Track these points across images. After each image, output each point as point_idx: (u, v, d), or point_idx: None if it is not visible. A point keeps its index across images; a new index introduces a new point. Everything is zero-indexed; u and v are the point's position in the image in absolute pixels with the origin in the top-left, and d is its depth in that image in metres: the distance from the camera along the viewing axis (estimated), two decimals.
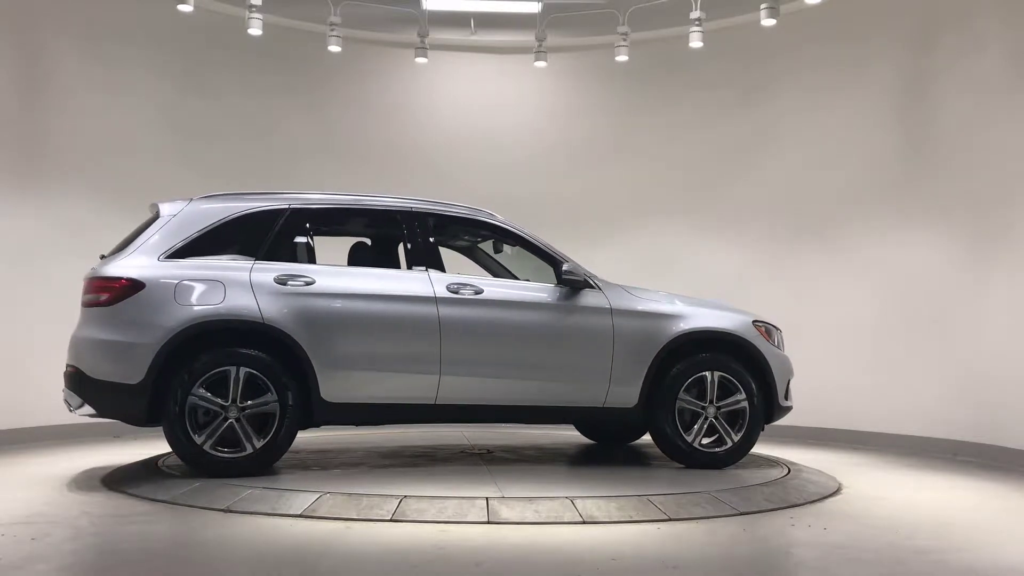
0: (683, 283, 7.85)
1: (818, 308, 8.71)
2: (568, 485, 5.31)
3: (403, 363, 5.76)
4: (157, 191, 8.76)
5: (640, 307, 6.16)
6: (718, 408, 6.12)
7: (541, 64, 9.52)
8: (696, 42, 8.66)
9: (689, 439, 6.07)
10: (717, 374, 6.11)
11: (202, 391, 5.46)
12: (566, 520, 4.65)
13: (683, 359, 6.11)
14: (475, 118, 10.10)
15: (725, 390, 6.14)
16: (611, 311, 6.06)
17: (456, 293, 5.87)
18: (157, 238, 5.77)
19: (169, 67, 9.03)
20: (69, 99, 8.36)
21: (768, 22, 8.40)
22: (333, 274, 5.87)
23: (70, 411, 5.74)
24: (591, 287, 6.11)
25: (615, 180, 9.82)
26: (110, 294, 5.62)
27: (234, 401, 5.48)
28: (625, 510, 4.81)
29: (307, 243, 6.05)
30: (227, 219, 5.87)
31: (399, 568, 3.83)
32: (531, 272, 6.44)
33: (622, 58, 9.16)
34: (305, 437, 7.82)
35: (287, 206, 6.00)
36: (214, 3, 9.15)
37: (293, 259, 5.94)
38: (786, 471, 6.14)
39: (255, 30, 8.62)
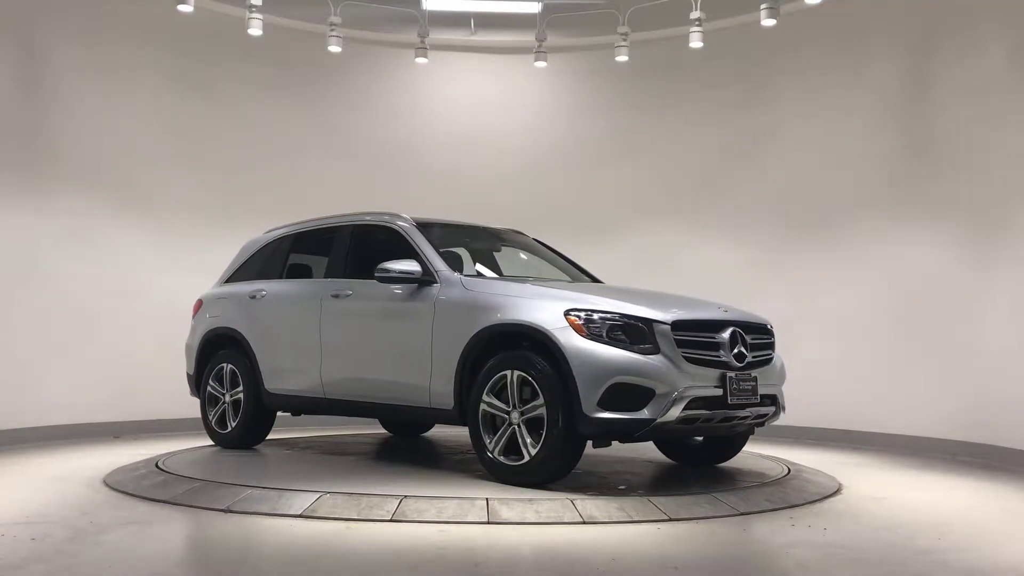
0: (684, 282, 7.83)
1: (818, 308, 8.70)
2: (568, 485, 5.30)
3: (301, 363, 6.43)
4: (155, 191, 8.84)
5: (462, 299, 5.53)
6: (522, 413, 5.23)
7: (541, 64, 9.52)
8: (696, 42, 8.66)
9: (490, 448, 5.32)
10: (517, 373, 5.20)
11: (213, 382, 7.07)
12: (566, 520, 4.64)
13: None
14: (475, 118, 10.11)
15: (534, 393, 5.18)
16: (435, 304, 5.62)
17: (336, 297, 6.27)
18: (229, 267, 7.48)
19: (169, 67, 9.03)
20: (68, 99, 8.37)
21: (768, 22, 8.41)
22: (278, 287, 6.85)
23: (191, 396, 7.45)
24: (431, 283, 5.69)
25: (616, 180, 9.82)
26: (194, 310, 7.46)
27: (227, 390, 6.98)
28: (625, 510, 4.80)
29: (289, 262, 6.99)
30: (259, 248, 7.29)
31: (399, 568, 3.83)
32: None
33: (622, 58, 9.16)
34: (305, 437, 7.84)
35: (289, 232, 7.11)
36: (214, 3, 9.15)
37: (292, 276, 6.90)
38: (786, 471, 6.13)
39: (255, 30, 8.62)
